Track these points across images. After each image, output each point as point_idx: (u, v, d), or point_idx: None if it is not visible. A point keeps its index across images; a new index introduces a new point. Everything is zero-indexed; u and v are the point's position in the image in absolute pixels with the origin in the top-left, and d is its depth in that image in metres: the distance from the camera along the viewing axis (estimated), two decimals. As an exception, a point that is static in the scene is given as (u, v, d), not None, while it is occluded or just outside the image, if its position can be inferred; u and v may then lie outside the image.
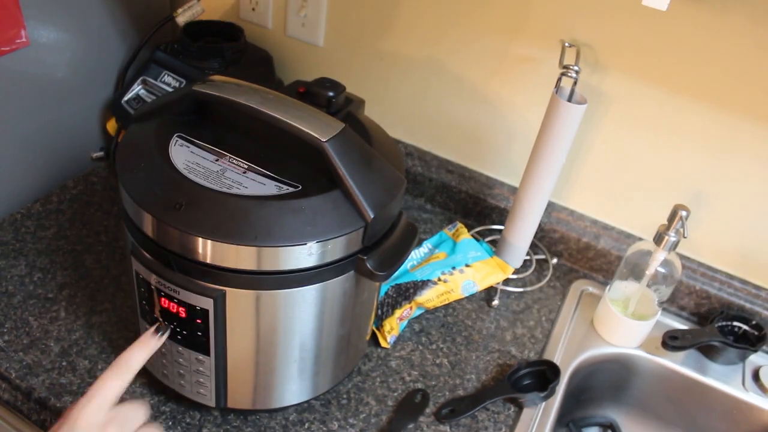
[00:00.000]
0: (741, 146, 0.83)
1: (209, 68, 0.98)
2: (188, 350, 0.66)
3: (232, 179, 0.61)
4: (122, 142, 0.66)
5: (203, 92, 0.63)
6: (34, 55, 0.90)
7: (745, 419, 0.87)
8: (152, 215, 0.59)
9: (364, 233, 0.62)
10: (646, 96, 0.86)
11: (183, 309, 0.62)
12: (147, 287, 0.64)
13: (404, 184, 0.66)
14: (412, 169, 1.06)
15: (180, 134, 0.66)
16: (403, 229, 0.68)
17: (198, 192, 0.59)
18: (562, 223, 0.99)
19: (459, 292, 0.88)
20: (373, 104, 1.07)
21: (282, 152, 0.65)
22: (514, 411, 0.79)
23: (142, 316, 0.68)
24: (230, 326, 0.64)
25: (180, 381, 0.70)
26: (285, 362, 0.69)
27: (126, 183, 0.61)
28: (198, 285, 0.61)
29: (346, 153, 0.60)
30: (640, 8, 0.81)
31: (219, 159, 0.63)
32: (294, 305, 0.64)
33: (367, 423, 0.75)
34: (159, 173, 0.61)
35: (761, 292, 0.91)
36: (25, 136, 0.94)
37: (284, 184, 0.61)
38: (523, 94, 0.94)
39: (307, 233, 0.58)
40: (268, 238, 0.57)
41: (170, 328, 0.64)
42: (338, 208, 0.60)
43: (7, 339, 0.78)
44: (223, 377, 0.68)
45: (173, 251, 0.60)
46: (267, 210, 0.58)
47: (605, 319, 0.89)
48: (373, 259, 0.63)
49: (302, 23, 1.05)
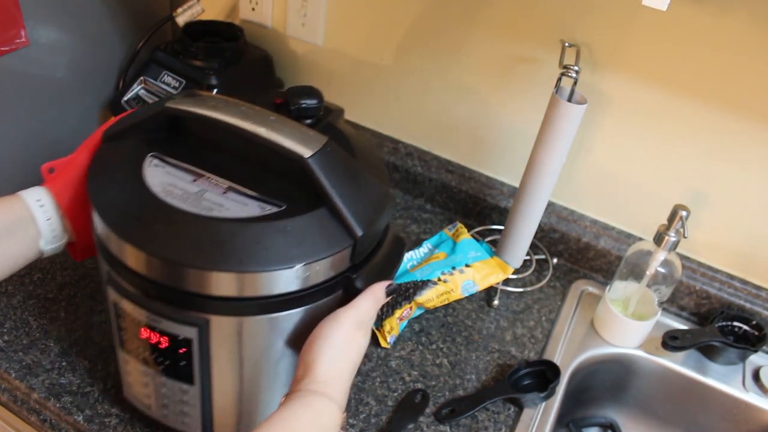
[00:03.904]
0: (741, 146, 0.83)
1: (209, 68, 0.98)
2: (171, 380, 0.63)
3: (212, 201, 0.57)
4: (93, 165, 0.62)
5: (177, 108, 0.60)
6: (33, 55, 0.90)
7: (745, 419, 0.87)
8: (130, 243, 0.55)
9: (352, 251, 0.59)
10: (646, 96, 0.86)
11: (165, 339, 0.59)
12: (125, 317, 0.61)
13: (392, 197, 0.63)
14: (412, 169, 1.06)
15: (155, 154, 0.62)
16: (391, 243, 0.65)
17: (176, 216, 0.55)
18: (562, 223, 0.99)
19: (459, 292, 0.88)
20: (373, 104, 1.07)
21: (264, 169, 0.62)
22: (514, 411, 0.79)
23: (120, 347, 0.65)
24: (215, 354, 0.60)
25: (163, 411, 0.67)
26: (273, 388, 0.66)
27: (100, 209, 0.58)
28: (180, 314, 0.58)
29: (330, 168, 0.58)
30: (640, 8, 0.81)
31: (197, 179, 0.60)
32: (281, 329, 0.61)
33: (367, 423, 0.75)
34: (134, 197, 0.57)
35: (761, 292, 0.91)
36: (25, 136, 0.94)
37: (267, 203, 0.58)
38: (523, 94, 0.94)
39: (294, 255, 0.55)
40: (253, 262, 0.54)
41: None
42: (325, 227, 0.57)
43: (6, 339, 0.78)
44: (209, 406, 0.65)
45: (153, 280, 0.57)
46: (251, 233, 0.55)
47: (605, 319, 0.89)
48: (361, 278, 0.60)
49: (302, 23, 1.05)
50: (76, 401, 0.72)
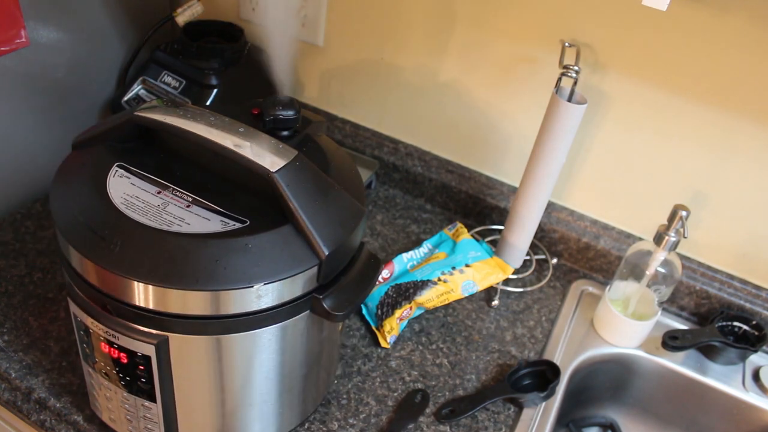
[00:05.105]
0: (741, 146, 0.83)
1: (209, 68, 0.98)
2: (133, 396, 0.62)
3: (174, 214, 0.56)
4: (58, 173, 0.61)
5: (144, 117, 0.59)
6: (34, 55, 0.90)
7: (745, 419, 0.87)
8: (84, 256, 0.54)
9: (318, 271, 0.57)
10: (646, 96, 0.86)
11: (123, 355, 0.58)
12: (86, 330, 0.60)
13: (364, 214, 0.61)
14: (412, 169, 1.06)
15: (121, 164, 0.60)
16: (364, 263, 0.62)
17: (134, 230, 0.54)
18: (562, 223, 0.99)
19: (459, 292, 0.88)
20: (374, 104, 1.07)
21: (231, 183, 0.60)
22: (514, 411, 0.79)
23: (84, 360, 0.64)
24: (177, 372, 0.59)
25: (128, 427, 0.66)
26: (242, 406, 0.64)
27: (58, 219, 0.56)
28: (138, 330, 0.56)
29: (297, 184, 0.55)
30: (639, 8, 0.81)
31: (161, 191, 0.58)
32: (246, 349, 0.59)
33: (367, 423, 0.75)
34: (93, 209, 0.56)
35: (761, 292, 0.91)
36: (25, 136, 0.94)
37: (231, 219, 0.56)
38: (523, 94, 0.94)
39: (253, 274, 0.53)
40: (211, 281, 0.52)
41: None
42: (289, 245, 0.55)
43: (7, 339, 0.78)
44: (173, 424, 0.63)
45: (109, 294, 0.55)
46: (209, 250, 0.53)
47: (605, 319, 0.89)
48: (329, 299, 0.58)
49: (302, 23, 1.05)
50: (76, 401, 0.72)
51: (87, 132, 0.63)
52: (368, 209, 1.05)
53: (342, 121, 1.11)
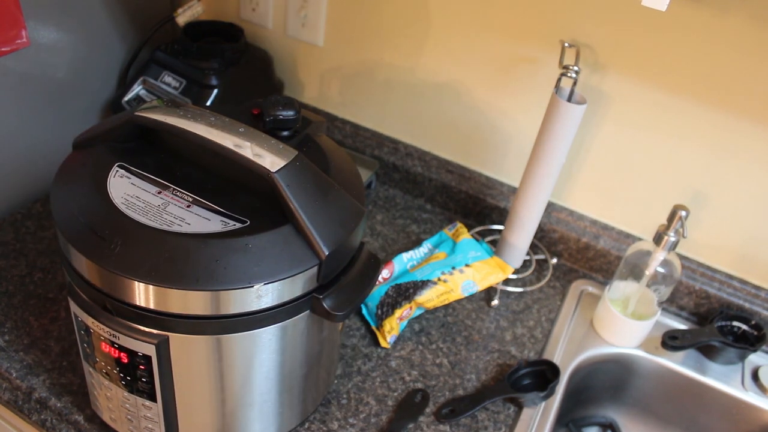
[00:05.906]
0: (741, 146, 0.83)
1: (209, 68, 0.99)
2: (133, 396, 0.62)
3: (174, 214, 0.56)
4: (59, 173, 0.61)
5: (144, 117, 0.59)
6: (34, 55, 0.90)
7: (744, 419, 0.87)
8: (85, 256, 0.54)
9: (318, 271, 0.57)
10: (646, 96, 0.86)
11: (124, 354, 0.58)
12: (86, 330, 0.60)
13: (364, 214, 0.61)
14: (412, 169, 1.06)
15: (121, 164, 0.61)
16: (364, 263, 0.62)
17: (135, 230, 0.54)
18: (562, 223, 0.99)
19: (459, 292, 0.88)
20: (374, 104, 1.07)
21: (231, 183, 0.60)
22: (514, 411, 0.79)
23: (85, 360, 0.64)
24: (177, 372, 0.59)
25: (129, 426, 0.66)
26: (243, 406, 0.64)
27: (59, 219, 0.56)
28: (138, 330, 0.56)
29: (297, 184, 0.55)
30: (639, 8, 0.81)
31: (162, 191, 0.58)
32: (246, 349, 0.59)
33: (367, 423, 0.75)
34: (94, 209, 0.56)
35: (761, 292, 0.91)
36: (26, 136, 0.94)
37: (231, 219, 0.56)
38: (522, 95, 0.94)
39: (253, 274, 0.53)
40: (211, 281, 0.52)
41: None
42: (289, 245, 0.55)
43: (7, 339, 0.78)
44: (174, 424, 0.63)
45: (109, 294, 0.56)
46: (209, 250, 0.53)
47: (605, 319, 0.89)
48: (330, 299, 0.58)
49: (302, 23, 1.05)
50: (77, 401, 0.72)
51: (87, 132, 0.63)
52: (368, 209, 1.06)
53: (342, 121, 1.11)
